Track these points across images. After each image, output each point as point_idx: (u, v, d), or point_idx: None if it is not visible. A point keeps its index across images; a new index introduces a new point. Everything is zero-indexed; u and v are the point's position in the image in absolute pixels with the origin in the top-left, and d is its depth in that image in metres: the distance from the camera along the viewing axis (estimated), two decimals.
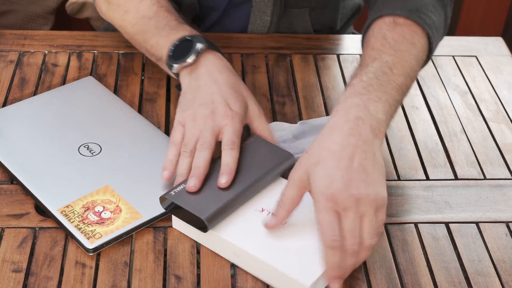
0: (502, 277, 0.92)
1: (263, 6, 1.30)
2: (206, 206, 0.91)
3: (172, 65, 1.05)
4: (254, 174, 0.96)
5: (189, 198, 0.92)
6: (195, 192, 0.93)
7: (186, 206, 0.91)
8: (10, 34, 1.29)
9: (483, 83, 1.27)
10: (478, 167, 1.08)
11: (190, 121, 0.99)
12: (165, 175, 0.97)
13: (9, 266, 0.89)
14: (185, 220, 0.92)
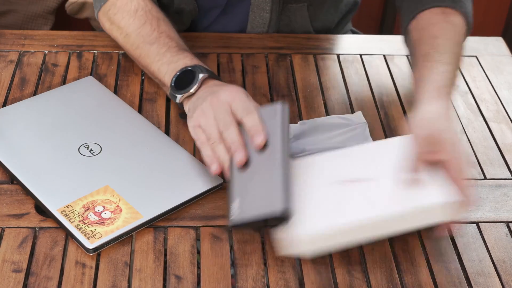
0: (502, 277, 0.92)
1: (261, 2, 1.30)
2: (271, 201, 0.89)
3: (176, 96, 1.07)
4: (277, 144, 0.96)
5: (249, 208, 0.90)
6: (250, 200, 0.91)
7: (255, 217, 0.89)
8: (10, 34, 1.29)
9: (483, 83, 1.27)
10: (478, 167, 1.08)
11: (201, 117, 1.00)
12: (214, 168, 0.97)
13: (9, 266, 0.89)
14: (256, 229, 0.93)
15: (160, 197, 0.97)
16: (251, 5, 1.31)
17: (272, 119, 0.99)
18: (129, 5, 1.19)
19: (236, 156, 0.96)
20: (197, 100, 1.04)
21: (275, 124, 0.98)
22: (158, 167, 1.02)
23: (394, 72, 1.28)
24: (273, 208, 0.88)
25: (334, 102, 1.19)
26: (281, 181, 0.91)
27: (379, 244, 0.95)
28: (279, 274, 0.90)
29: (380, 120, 1.16)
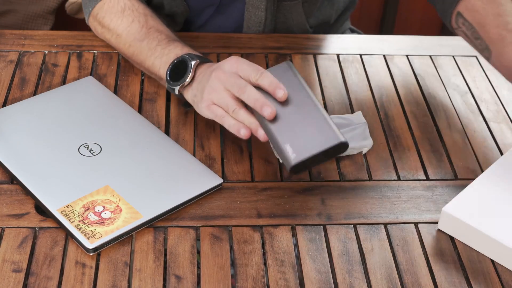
0: (502, 277, 0.92)
1: (256, 1, 1.30)
2: (325, 133, 0.92)
3: (173, 88, 1.08)
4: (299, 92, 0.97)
5: (307, 145, 0.92)
6: (304, 138, 0.93)
7: (316, 150, 0.92)
8: (10, 34, 1.29)
9: (483, 83, 1.27)
10: (478, 167, 1.08)
11: (211, 94, 1.01)
12: (243, 133, 0.98)
13: (9, 266, 0.89)
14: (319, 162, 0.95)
15: (160, 197, 0.97)
16: (246, 4, 1.31)
17: (284, 75, 0.99)
18: (116, 7, 1.20)
19: (265, 111, 0.95)
20: (199, 84, 1.04)
21: (289, 78, 0.99)
22: (158, 167, 1.02)
23: (394, 72, 1.28)
24: (332, 139, 0.92)
25: (334, 102, 1.19)
26: (324, 115, 0.94)
27: (378, 244, 0.95)
28: (279, 274, 0.90)
29: (380, 120, 1.16)
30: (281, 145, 0.94)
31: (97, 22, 1.24)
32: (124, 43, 1.19)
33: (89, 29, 1.34)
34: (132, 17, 1.19)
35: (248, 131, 0.98)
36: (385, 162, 1.08)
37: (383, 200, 1.02)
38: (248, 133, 0.98)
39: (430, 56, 1.32)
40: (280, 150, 0.94)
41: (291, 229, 0.97)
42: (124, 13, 1.20)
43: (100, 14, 1.23)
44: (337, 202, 1.01)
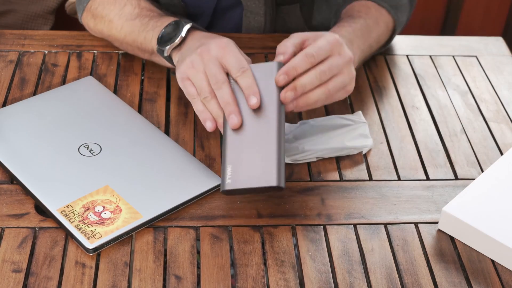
0: (502, 277, 0.92)
1: (255, 7, 1.30)
2: (266, 171, 0.91)
3: (163, 49, 1.08)
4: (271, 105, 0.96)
5: (245, 175, 0.92)
6: (247, 166, 0.93)
7: (250, 185, 0.91)
8: (10, 34, 1.29)
9: (483, 83, 1.27)
10: (478, 167, 1.08)
11: (190, 69, 1.00)
12: (209, 125, 0.98)
13: (9, 266, 0.89)
14: (252, 193, 0.94)
15: (160, 197, 0.97)
16: (244, 10, 1.31)
17: (268, 77, 0.98)
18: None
19: (230, 120, 0.95)
20: (186, 51, 1.04)
21: (270, 84, 0.98)
22: (158, 167, 1.02)
23: (394, 72, 1.28)
24: (269, 180, 0.91)
25: (334, 102, 1.19)
26: (276, 152, 0.93)
27: (379, 244, 0.95)
28: (279, 274, 0.90)
29: (380, 120, 1.16)
30: (225, 164, 0.94)
31: (91, 15, 1.23)
32: (116, 27, 1.19)
33: None
34: (124, 2, 1.19)
35: (213, 124, 0.98)
36: (385, 162, 1.08)
37: (383, 200, 1.02)
38: (213, 126, 0.98)
39: (430, 56, 1.32)
40: (222, 167, 0.94)
41: (291, 229, 0.97)
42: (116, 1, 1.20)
43: (93, 6, 1.23)
44: (337, 202, 1.01)
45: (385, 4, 1.21)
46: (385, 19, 1.21)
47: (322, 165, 1.07)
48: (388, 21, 1.22)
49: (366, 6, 1.20)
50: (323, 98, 0.98)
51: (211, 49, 1.00)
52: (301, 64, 0.97)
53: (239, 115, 0.96)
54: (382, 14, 1.21)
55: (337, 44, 0.99)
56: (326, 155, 1.07)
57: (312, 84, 0.97)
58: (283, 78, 0.96)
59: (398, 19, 1.22)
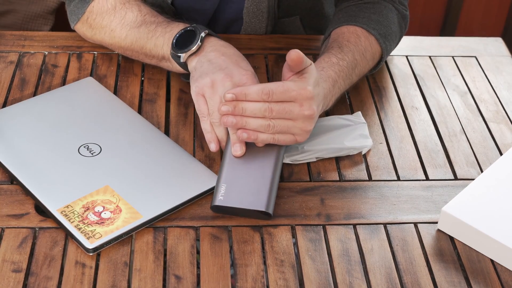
0: (501, 277, 0.92)
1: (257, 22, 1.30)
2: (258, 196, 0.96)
3: (179, 55, 1.07)
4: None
5: (238, 196, 0.96)
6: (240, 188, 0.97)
7: (240, 205, 0.95)
8: (10, 35, 1.29)
9: (483, 84, 1.27)
10: (478, 167, 1.08)
11: (208, 89, 1.01)
12: (213, 147, 1.02)
13: (9, 266, 0.89)
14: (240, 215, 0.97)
15: (159, 197, 0.97)
16: (244, 25, 1.31)
17: None
18: (106, 5, 1.19)
19: (235, 148, 0.99)
20: (204, 57, 1.05)
21: None
22: (158, 168, 1.02)
23: (394, 72, 1.28)
24: (258, 205, 0.95)
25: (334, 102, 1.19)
26: (270, 180, 0.97)
27: (378, 244, 0.95)
28: (278, 274, 0.90)
29: (380, 120, 1.16)
30: (220, 182, 0.97)
31: (87, 26, 1.22)
32: (119, 36, 1.18)
33: None
34: (124, 10, 1.18)
35: (217, 147, 1.02)
36: (385, 162, 1.08)
37: (383, 200, 1.02)
38: (217, 148, 1.02)
39: (430, 57, 1.32)
40: (217, 184, 0.98)
41: (291, 229, 0.97)
42: (116, 9, 1.19)
43: (91, 17, 1.21)
44: (337, 202, 1.01)
45: (374, 32, 1.17)
46: (373, 50, 1.17)
47: (321, 165, 1.07)
48: (375, 52, 1.17)
49: (356, 35, 1.16)
50: (262, 129, 0.97)
51: (235, 75, 1.01)
52: (254, 94, 0.96)
53: (243, 146, 0.99)
54: (371, 43, 1.16)
55: (305, 97, 0.97)
56: (326, 156, 1.07)
57: (253, 112, 0.96)
58: (230, 96, 0.96)
59: (386, 47, 1.19)
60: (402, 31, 1.25)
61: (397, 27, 1.22)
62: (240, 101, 0.96)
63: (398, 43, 1.26)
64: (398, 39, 1.25)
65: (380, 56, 1.20)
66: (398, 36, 1.23)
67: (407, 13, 1.26)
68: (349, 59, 1.12)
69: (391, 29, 1.20)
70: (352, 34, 1.16)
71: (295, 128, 0.98)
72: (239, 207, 0.95)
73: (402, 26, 1.25)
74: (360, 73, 1.15)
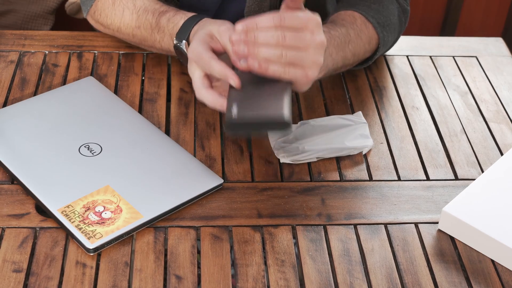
0: (502, 277, 0.92)
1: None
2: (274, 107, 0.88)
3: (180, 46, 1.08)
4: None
5: (252, 110, 0.88)
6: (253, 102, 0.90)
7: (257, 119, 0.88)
8: (10, 34, 1.29)
9: (483, 84, 1.27)
10: (478, 167, 1.08)
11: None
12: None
13: (10, 266, 0.89)
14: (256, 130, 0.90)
15: (160, 197, 0.97)
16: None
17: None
18: (108, 1, 1.20)
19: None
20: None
21: None
22: (158, 167, 1.02)
23: (394, 72, 1.28)
24: (277, 113, 0.87)
25: (334, 103, 1.19)
26: (285, 90, 0.90)
27: (379, 244, 0.95)
28: (279, 274, 0.90)
29: (380, 120, 1.16)
30: (230, 101, 0.91)
31: (95, 20, 1.24)
32: (128, 35, 1.20)
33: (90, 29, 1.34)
34: (121, 6, 1.19)
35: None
36: (385, 162, 1.08)
37: (383, 200, 1.02)
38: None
39: (430, 57, 1.32)
40: (227, 104, 0.91)
41: (292, 229, 0.97)
42: (115, 5, 1.20)
43: (96, 12, 1.23)
44: (338, 202, 1.01)
45: (372, 20, 1.17)
46: (369, 34, 1.16)
47: (322, 165, 1.07)
48: (372, 37, 1.17)
49: (352, 17, 1.16)
50: (274, 58, 0.92)
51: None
52: (265, 21, 0.92)
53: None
54: (367, 28, 1.16)
55: (314, 22, 0.94)
56: (327, 155, 1.07)
57: (265, 39, 0.92)
58: (241, 28, 0.92)
59: (383, 37, 1.18)
60: (402, 25, 1.25)
61: (396, 19, 1.22)
62: (252, 30, 0.92)
63: (397, 38, 1.25)
64: (397, 33, 1.24)
65: (377, 44, 1.19)
66: (397, 29, 1.23)
67: (408, 8, 1.25)
68: (342, 31, 1.11)
69: (390, 20, 1.20)
70: (348, 16, 1.16)
71: (307, 59, 0.93)
72: (255, 121, 0.88)
73: (402, 20, 1.24)
74: (355, 51, 1.14)
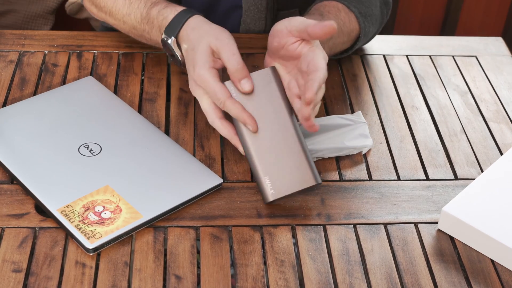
0: (502, 277, 0.92)
1: (257, 12, 1.30)
2: (302, 173, 0.97)
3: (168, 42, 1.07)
4: (281, 110, 0.99)
5: (284, 182, 0.97)
6: (283, 173, 0.97)
7: (293, 189, 0.97)
8: (10, 34, 1.29)
9: (483, 83, 1.27)
10: (478, 167, 1.08)
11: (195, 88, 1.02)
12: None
13: (9, 266, 0.89)
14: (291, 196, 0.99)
15: (160, 197, 0.97)
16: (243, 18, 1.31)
17: (267, 84, 1.00)
18: None
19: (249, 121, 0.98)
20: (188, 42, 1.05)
21: (272, 90, 1.00)
22: (158, 167, 1.02)
23: (394, 72, 1.28)
24: (307, 181, 0.97)
25: (334, 102, 1.19)
26: (303, 153, 0.98)
27: (378, 244, 0.95)
28: (279, 274, 0.90)
29: (380, 120, 1.16)
30: (260, 176, 0.98)
31: (91, 2, 1.23)
32: (118, 21, 1.18)
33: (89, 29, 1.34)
34: None
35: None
36: (385, 162, 1.08)
37: (383, 200, 1.02)
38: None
39: (430, 56, 1.32)
40: (258, 179, 0.98)
41: (291, 229, 0.97)
42: None
43: None
44: (337, 202, 1.01)
45: (355, 10, 1.18)
46: (351, 26, 1.18)
47: (322, 165, 1.07)
48: (353, 29, 1.19)
49: (336, 8, 1.17)
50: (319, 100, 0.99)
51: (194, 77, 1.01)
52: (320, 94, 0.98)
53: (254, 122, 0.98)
54: (350, 20, 1.18)
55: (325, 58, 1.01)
56: (326, 155, 1.07)
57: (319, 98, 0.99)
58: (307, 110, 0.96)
59: (365, 28, 1.19)
60: (384, 17, 1.26)
61: (378, 11, 1.23)
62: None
63: (378, 30, 1.27)
64: (379, 25, 1.25)
65: (357, 36, 1.20)
66: (378, 20, 1.24)
67: (390, 1, 1.27)
68: None
69: (372, 10, 1.21)
70: (333, 7, 1.17)
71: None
72: (290, 193, 0.97)
73: (384, 13, 1.26)
74: (332, 46, 1.16)
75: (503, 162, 1.05)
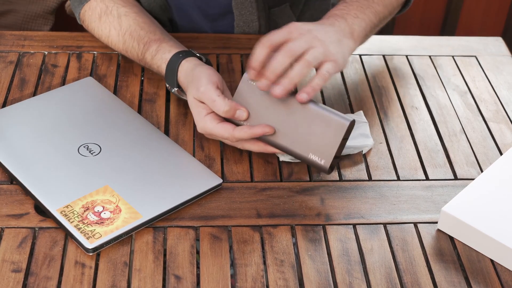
0: (501, 277, 0.92)
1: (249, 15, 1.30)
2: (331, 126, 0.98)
3: (173, 92, 1.12)
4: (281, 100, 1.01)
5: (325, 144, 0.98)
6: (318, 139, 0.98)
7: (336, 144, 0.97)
8: (10, 35, 1.29)
9: (483, 83, 1.27)
10: (478, 167, 1.08)
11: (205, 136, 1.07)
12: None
13: (9, 266, 0.89)
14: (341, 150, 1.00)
15: (159, 197, 0.97)
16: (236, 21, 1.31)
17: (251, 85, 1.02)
18: (94, 14, 1.21)
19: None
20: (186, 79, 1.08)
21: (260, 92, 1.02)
22: (158, 167, 1.02)
23: (394, 72, 1.28)
24: (341, 127, 0.97)
25: (334, 102, 1.19)
26: (321, 110, 0.98)
27: (378, 244, 0.95)
28: (278, 274, 0.90)
29: (380, 120, 1.16)
30: (306, 157, 0.99)
31: (85, 26, 1.26)
32: (117, 49, 1.21)
33: None
34: (107, 24, 1.20)
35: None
36: (385, 162, 1.08)
37: (383, 200, 1.02)
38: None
39: (430, 56, 1.32)
40: (306, 162, 1.00)
41: (291, 229, 0.97)
42: (101, 20, 1.21)
43: (85, 22, 1.25)
44: (337, 202, 1.01)
45: None
46: None
47: None
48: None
49: None
50: (305, 71, 0.97)
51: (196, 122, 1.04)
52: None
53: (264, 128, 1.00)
54: None
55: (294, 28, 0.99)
56: None
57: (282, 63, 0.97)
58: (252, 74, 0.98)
59: None
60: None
61: None
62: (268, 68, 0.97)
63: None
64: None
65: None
66: None
67: None
68: None
69: None
70: None
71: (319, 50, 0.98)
72: (337, 148, 0.97)
73: None
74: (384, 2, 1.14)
75: (503, 162, 1.05)
